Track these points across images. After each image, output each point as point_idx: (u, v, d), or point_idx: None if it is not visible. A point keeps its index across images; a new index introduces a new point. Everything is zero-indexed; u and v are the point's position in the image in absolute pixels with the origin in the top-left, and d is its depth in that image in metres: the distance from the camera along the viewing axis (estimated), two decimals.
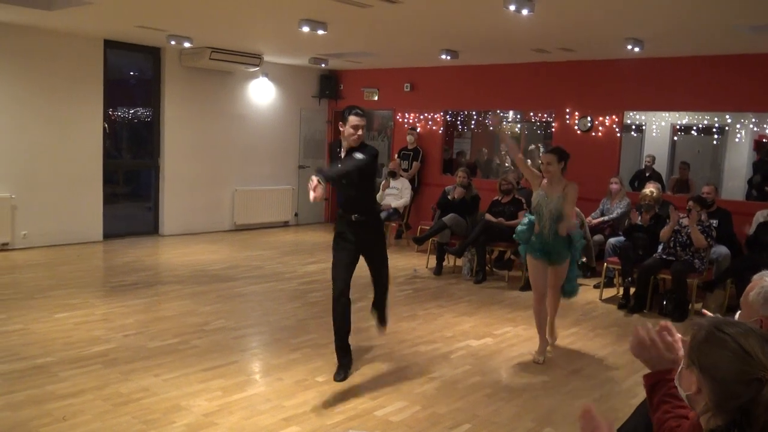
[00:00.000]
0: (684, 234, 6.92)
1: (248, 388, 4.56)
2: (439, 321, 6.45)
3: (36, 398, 4.19)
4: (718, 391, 1.62)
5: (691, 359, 1.70)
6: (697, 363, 1.67)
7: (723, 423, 1.61)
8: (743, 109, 9.15)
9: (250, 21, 7.64)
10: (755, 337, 1.63)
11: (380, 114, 13.24)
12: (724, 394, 1.60)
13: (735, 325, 1.68)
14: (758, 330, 1.69)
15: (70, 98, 9.20)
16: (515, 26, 6.85)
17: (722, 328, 1.67)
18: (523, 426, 4.15)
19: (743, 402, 1.56)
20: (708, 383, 1.64)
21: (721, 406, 1.61)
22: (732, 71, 8.08)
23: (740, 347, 1.60)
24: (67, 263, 8.20)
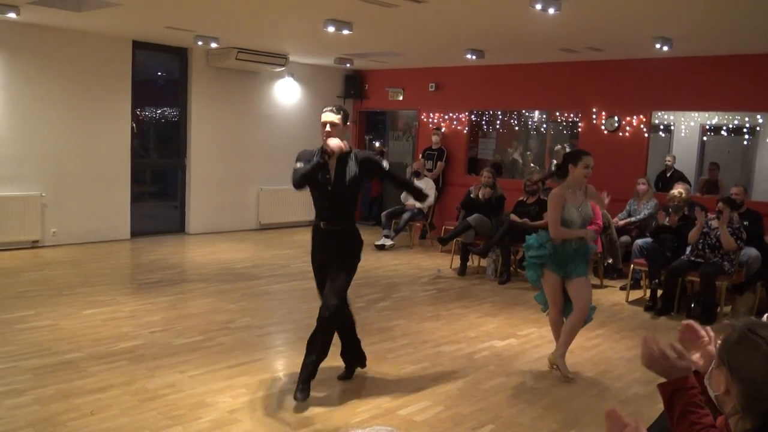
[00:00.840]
0: (713, 236, 6.83)
1: (272, 385, 4.60)
2: (462, 321, 6.44)
3: (65, 393, 4.26)
4: (748, 393, 1.61)
5: (721, 359, 1.69)
6: (727, 364, 1.66)
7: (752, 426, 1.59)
8: None
9: (276, 21, 7.70)
10: None
11: (405, 114, 13.25)
12: (754, 395, 1.59)
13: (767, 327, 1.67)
14: None
15: (98, 98, 9.34)
16: (542, 25, 6.81)
17: (755, 330, 1.65)
18: (547, 427, 4.13)
19: None
20: (738, 384, 1.63)
21: (750, 408, 1.60)
22: (763, 70, 7.95)
23: None
24: (95, 261, 8.33)
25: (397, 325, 6.17)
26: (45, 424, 3.81)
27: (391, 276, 8.26)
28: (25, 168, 8.73)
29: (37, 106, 8.79)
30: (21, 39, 8.52)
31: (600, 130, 9.47)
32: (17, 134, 8.65)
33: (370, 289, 7.53)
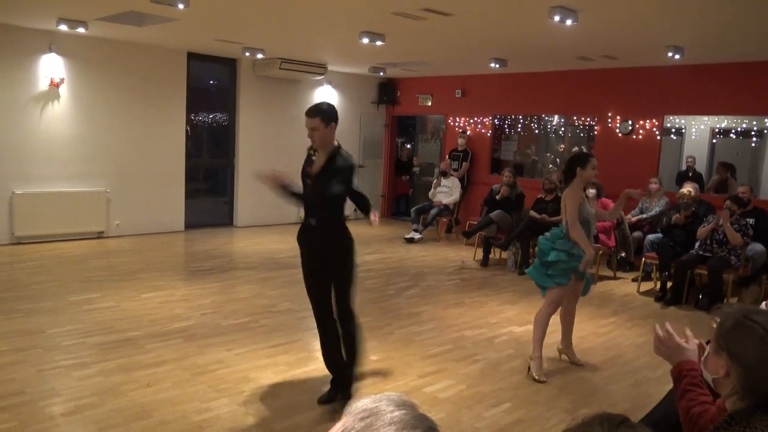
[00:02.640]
0: (721, 232, 6.68)
1: (309, 363, 4.65)
2: (484, 308, 6.41)
3: (125, 366, 4.37)
4: (746, 376, 1.58)
5: (719, 345, 1.67)
6: (725, 349, 1.64)
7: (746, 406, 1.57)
8: None
9: (316, 34, 7.73)
10: None
11: (433, 118, 13.20)
12: (752, 379, 1.57)
13: (763, 314, 1.64)
14: None
15: (157, 104, 9.50)
16: (560, 36, 6.72)
17: (750, 316, 1.63)
18: (560, 406, 4.10)
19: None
20: (736, 368, 1.61)
21: (749, 390, 1.58)
22: None
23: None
24: (153, 250, 8.49)
25: (424, 311, 6.17)
26: (107, 394, 3.91)
27: (419, 266, 8.26)
28: (92, 166, 8.94)
29: (104, 111, 8.98)
30: (89, 51, 8.71)
31: (615, 134, 9.32)
32: (86, 136, 8.85)
33: (400, 278, 7.54)
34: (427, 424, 0.95)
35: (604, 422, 1.13)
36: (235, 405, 3.87)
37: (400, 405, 0.96)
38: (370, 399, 0.97)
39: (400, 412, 0.94)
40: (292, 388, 4.16)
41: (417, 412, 0.96)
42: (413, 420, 0.94)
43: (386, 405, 0.95)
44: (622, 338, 5.65)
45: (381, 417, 0.93)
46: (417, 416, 0.95)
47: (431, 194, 10.49)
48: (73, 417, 3.60)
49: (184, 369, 4.38)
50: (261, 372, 4.40)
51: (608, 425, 1.13)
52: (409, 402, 0.98)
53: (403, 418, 0.93)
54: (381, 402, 0.96)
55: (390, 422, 0.92)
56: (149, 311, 5.69)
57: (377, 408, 0.94)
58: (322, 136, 3.88)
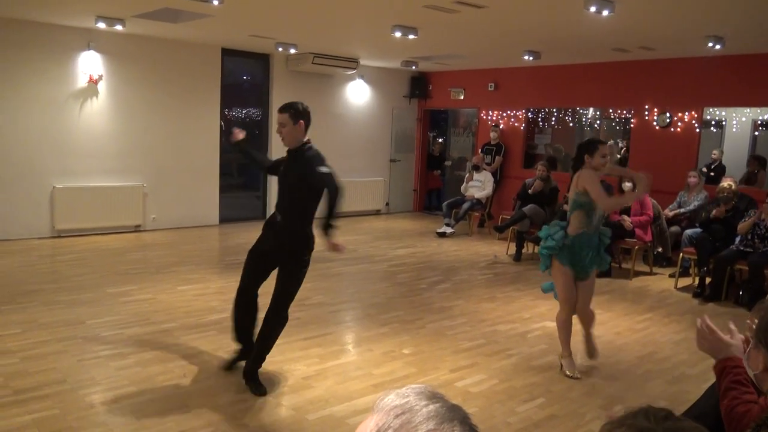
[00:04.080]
0: (763, 227, 6.49)
1: (342, 356, 4.67)
2: (517, 303, 6.35)
3: (161, 357, 4.45)
4: None
5: (758, 339, 1.63)
6: (764, 343, 1.60)
7: None
8: None
9: (348, 28, 7.74)
10: None
11: (465, 112, 13.11)
12: None
13: None
14: None
15: (192, 100, 9.64)
16: (596, 27, 6.60)
17: None
18: (594, 403, 4.04)
19: None
20: None
21: None
22: None
23: None
24: (188, 243, 8.63)
25: (456, 306, 6.15)
26: (144, 384, 3.99)
27: (451, 261, 8.23)
28: (129, 162, 9.11)
29: (140, 107, 9.14)
30: (126, 48, 8.87)
31: (652, 126, 9.13)
32: (124, 132, 9.03)
33: (431, 272, 7.52)
34: (461, 414, 0.94)
35: (650, 415, 1.11)
36: (269, 396, 3.91)
37: (432, 398, 0.95)
38: (397, 394, 0.96)
39: (434, 406, 0.93)
40: (325, 380, 4.19)
41: (449, 403, 0.95)
42: (449, 412, 0.93)
43: (417, 399, 0.94)
44: (658, 334, 5.54)
45: (417, 412, 0.92)
46: (451, 407, 0.94)
47: (463, 188, 10.43)
48: (112, 406, 3.68)
49: (218, 361, 4.44)
50: (294, 364, 4.43)
51: (654, 418, 1.10)
52: (438, 393, 0.97)
53: (439, 411, 0.92)
54: (410, 397, 0.95)
55: (428, 417, 0.91)
56: (184, 303, 5.78)
57: (409, 403, 0.93)
58: (289, 132, 4.01)
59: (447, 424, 0.90)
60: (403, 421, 0.91)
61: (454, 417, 0.92)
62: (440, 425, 0.90)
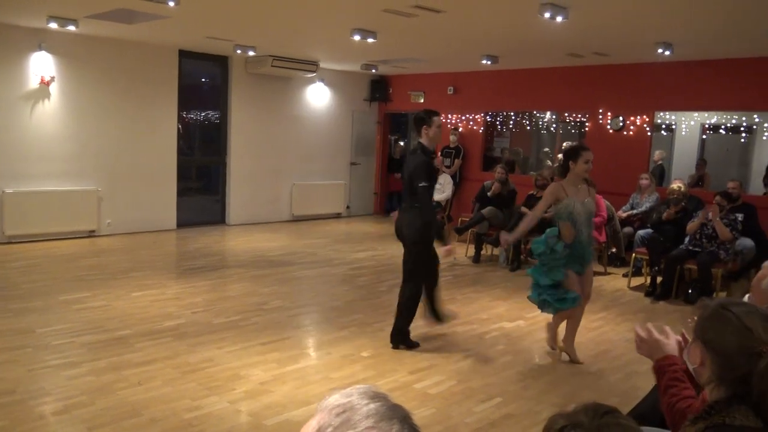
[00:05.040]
0: (710, 227, 6.72)
1: (300, 360, 4.65)
2: (475, 304, 6.42)
3: (115, 365, 4.36)
4: (721, 363, 1.61)
5: (697, 335, 1.69)
6: (701, 337, 1.66)
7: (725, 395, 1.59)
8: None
9: (307, 31, 7.72)
10: (757, 315, 1.61)
11: None
12: (726, 366, 1.59)
13: (739, 305, 1.67)
14: (761, 309, 1.67)
15: (148, 102, 9.47)
16: (551, 32, 6.73)
17: (727, 306, 1.66)
18: (549, 401, 4.12)
19: (743, 373, 1.55)
20: (712, 356, 1.64)
21: (723, 377, 1.60)
22: (759, 72, 7.77)
23: (742, 324, 1.59)
24: (145, 248, 8.47)
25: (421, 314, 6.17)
26: (98, 393, 3.91)
27: None
28: (83, 165, 8.90)
29: (94, 109, 8.94)
30: (80, 48, 8.66)
31: (605, 130, 9.35)
32: (77, 135, 8.81)
33: (391, 275, 7.53)
34: (402, 413, 0.96)
35: (589, 411, 1.15)
36: (226, 402, 3.87)
37: (374, 397, 0.97)
38: (341, 394, 0.98)
39: (375, 404, 0.95)
40: (283, 385, 4.16)
41: (391, 403, 0.97)
42: (388, 411, 0.95)
43: (359, 398, 0.96)
44: (612, 333, 5.68)
45: (357, 411, 0.94)
46: (391, 407, 0.96)
47: None
48: (63, 416, 3.59)
49: (174, 367, 4.37)
50: (252, 369, 4.40)
51: (593, 414, 1.15)
52: (381, 393, 0.99)
53: (379, 410, 0.94)
54: (353, 396, 0.97)
55: (367, 415, 0.93)
56: (140, 310, 5.67)
57: (350, 402, 0.95)
58: None
59: (386, 422, 0.92)
60: (343, 419, 0.93)
61: (394, 416, 0.94)
62: (378, 423, 0.92)
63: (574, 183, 4.67)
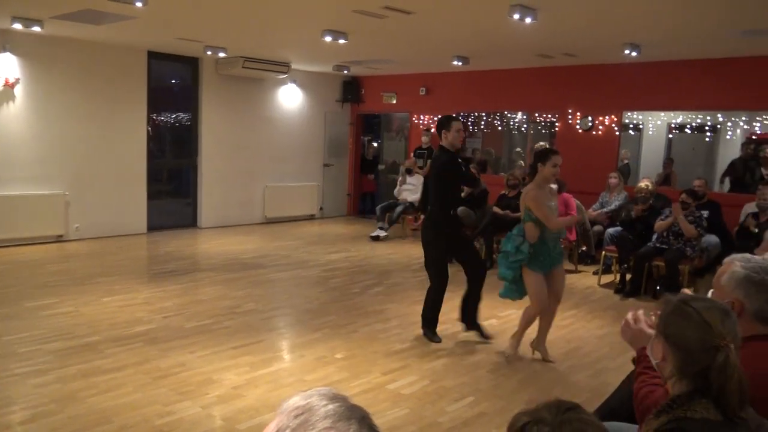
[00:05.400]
0: (676, 224, 6.85)
1: (273, 364, 4.63)
2: (448, 304, 6.38)
3: (84, 372, 4.29)
4: (682, 358, 1.65)
5: (659, 331, 1.73)
6: (663, 333, 1.70)
7: (686, 389, 1.63)
8: (734, 108, 9.00)
9: (279, 32, 7.69)
10: (716, 310, 1.65)
11: (398, 116, 13.24)
12: (687, 360, 1.63)
13: (699, 300, 1.71)
14: (721, 305, 1.71)
15: (117, 104, 9.33)
16: (520, 33, 6.80)
17: (688, 302, 1.70)
18: (521, 398, 4.16)
19: (703, 367, 1.59)
20: (673, 351, 1.67)
21: (684, 371, 1.64)
22: (723, 73, 7.96)
23: (702, 318, 1.63)
24: (114, 253, 8.34)
25: (389, 309, 6.20)
26: (66, 401, 3.84)
27: (384, 264, 8.28)
28: (50, 169, 8.73)
29: (61, 112, 8.78)
30: (46, 50, 8.50)
31: (575, 130, 9.48)
32: (43, 138, 8.64)
33: (365, 276, 7.55)
34: (360, 414, 0.97)
35: (552, 407, 1.18)
36: (198, 407, 3.83)
37: (333, 398, 0.98)
38: (301, 396, 1.00)
39: (333, 405, 0.96)
40: (256, 389, 4.14)
41: (349, 404, 0.98)
42: (347, 411, 0.96)
43: (318, 400, 0.97)
44: (582, 330, 5.76)
45: (315, 412, 0.95)
46: (350, 407, 0.97)
47: (396, 192, 10.52)
48: (31, 425, 3.52)
49: (145, 373, 4.32)
50: (224, 374, 4.36)
51: (556, 410, 1.17)
52: (341, 395, 1.01)
53: (337, 411, 0.95)
54: (313, 398, 0.98)
55: (324, 416, 0.94)
56: (109, 315, 5.59)
57: (310, 404, 0.97)
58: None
59: (343, 422, 0.94)
60: (301, 421, 0.94)
61: (352, 416, 0.95)
62: (336, 423, 0.93)
63: (541, 185, 4.72)
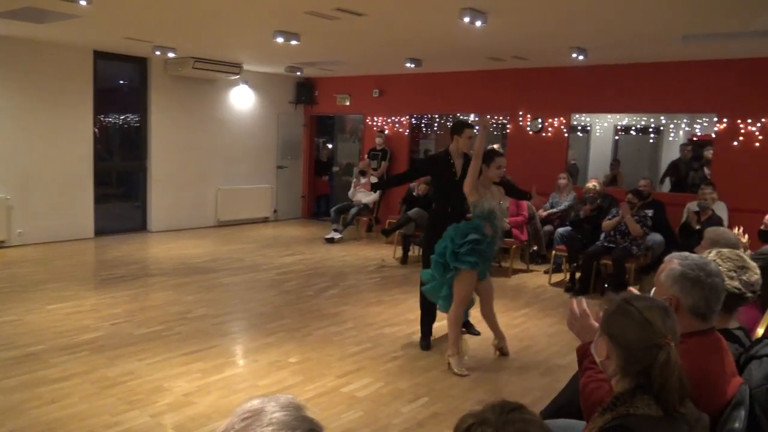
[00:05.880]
0: (623, 224, 7.04)
1: (226, 369, 4.55)
2: (403, 306, 6.48)
3: (28, 383, 4.13)
4: (624, 356, 1.69)
5: (602, 328, 1.77)
6: (607, 331, 1.74)
7: (629, 386, 1.67)
8: (676, 111, 9.32)
9: (229, 33, 7.58)
10: (657, 309, 1.70)
11: (352, 118, 13.23)
12: (629, 358, 1.68)
13: (641, 299, 1.76)
14: (662, 303, 1.76)
15: (62, 105, 9.04)
16: (471, 37, 6.88)
17: (630, 301, 1.74)
18: (475, 398, 4.21)
19: (645, 365, 1.63)
20: (616, 349, 1.72)
21: (627, 370, 1.68)
22: (666, 76, 8.22)
23: (643, 317, 1.67)
24: (60, 259, 8.07)
25: (344, 311, 6.18)
26: (8, 414, 3.69)
27: (339, 266, 8.26)
28: None
29: (3, 113, 8.45)
30: None
31: (526, 131, 9.65)
32: None
33: (320, 278, 7.51)
34: (307, 426, 0.97)
35: (496, 408, 1.20)
36: (147, 416, 3.74)
37: (285, 407, 0.98)
38: (260, 400, 1.00)
39: (281, 413, 0.96)
40: (208, 395, 4.06)
41: (300, 414, 0.98)
42: (294, 421, 0.95)
43: (272, 406, 0.98)
44: (534, 329, 5.86)
45: (261, 418, 0.95)
46: (298, 418, 0.97)
47: (351, 194, 10.51)
48: None
49: (92, 382, 4.19)
50: (175, 381, 4.27)
51: (500, 411, 1.19)
52: (296, 404, 1.00)
53: (282, 419, 0.95)
54: (269, 403, 0.99)
55: (268, 423, 0.94)
56: (55, 323, 5.40)
57: (262, 409, 0.97)
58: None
59: (286, 431, 0.94)
60: (246, 424, 0.95)
61: (298, 426, 0.95)
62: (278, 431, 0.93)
63: (486, 185, 4.78)
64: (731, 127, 7.82)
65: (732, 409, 1.93)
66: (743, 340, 2.52)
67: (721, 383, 1.97)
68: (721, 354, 2.03)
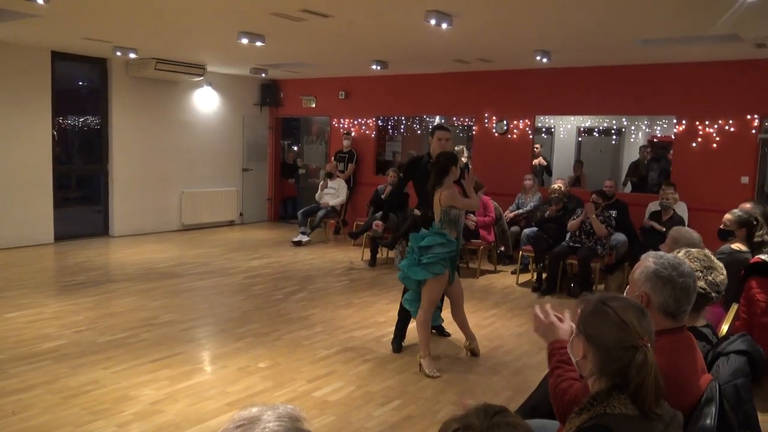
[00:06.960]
0: (588, 223, 7.16)
1: (194, 376, 4.47)
2: (372, 308, 6.46)
3: None
4: (601, 357, 1.70)
5: (579, 329, 1.78)
6: (583, 332, 1.76)
7: (605, 386, 1.69)
8: (636, 113, 9.52)
9: (192, 33, 7.46)
10: (633, 310, 1.72)
11: (318, 120, 13.17)
12: (606, 359, 1.69)
13: (617, 300, 1.77)
14: (637, 304, 1.78)
15: (18, 107, 8.77)
16: (437, 39, 6.91)
17: (606, 301, 1.76)
18: (447, 399, 4.21)
19: (621, 366, 1.65)
20: (593, 349, 1.73)
21: (604, 370, 1.70)
22: (627, 79, 8.39)
23: (620, 318, 1.69)
24: (18, 265, 7.83)
25: (313, 314, 6.13)
26: None
27: (307, 269, 8.20)
28: None
29: None
30: None
31: (491, 133, 9.73)
32: None
33: (288, 282, 7.44)
34: None
35: (480, 412, 1.19)
36: (114, 426, 3.64)
37: (281, 417, 0.97)
38: (260, 408, 1.00)
39: (275, 424, 0.96)
40: (176, 403, 3.98)
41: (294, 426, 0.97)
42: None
43: (268, 416, 0.98)
44: (503, 329, 5.90)
45: (254, 427, 0.95)
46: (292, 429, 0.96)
47: (318, 196, 10.45)
48: None
49: (54, 393, 4.06)
50: (141, 389, 4.17)
51: (484, 415, 1.19)
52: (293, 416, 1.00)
53: (275, 430, 0.94)
54: (266, 412, 1.00)
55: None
56: (14, 332, 5.23)
57: (258, 417, 0.98)
58: None
59: None
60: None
61: None
62: None
63: (448, 188, 4.76)
64: (690, 128, 8.02)
65: (703, 406, 1.97)
66: (710, 337, 2.58)
67: (693, 380, 2.01)
68: (692, 352, 2.07)
